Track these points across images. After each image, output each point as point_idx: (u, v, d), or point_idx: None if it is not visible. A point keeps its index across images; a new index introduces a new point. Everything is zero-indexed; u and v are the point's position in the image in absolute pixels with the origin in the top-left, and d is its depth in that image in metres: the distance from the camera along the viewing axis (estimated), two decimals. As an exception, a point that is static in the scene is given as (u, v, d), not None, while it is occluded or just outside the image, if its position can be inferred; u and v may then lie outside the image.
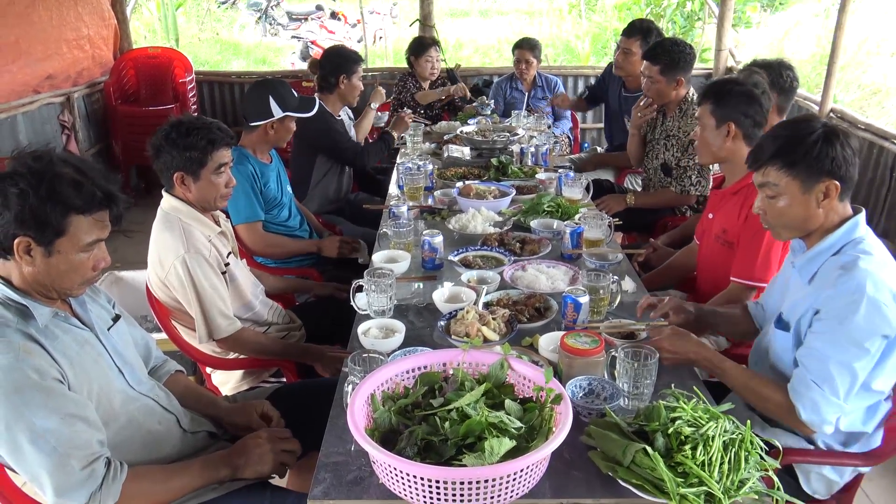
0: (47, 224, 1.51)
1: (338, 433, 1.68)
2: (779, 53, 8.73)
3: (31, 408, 1.46)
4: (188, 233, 2.30)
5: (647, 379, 1.74)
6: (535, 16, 15.22)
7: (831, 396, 1.68)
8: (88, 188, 1.55)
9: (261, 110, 3.00)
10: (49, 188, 1.50)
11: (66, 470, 1.49)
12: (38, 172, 1.51)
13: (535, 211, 3.03)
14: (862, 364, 1.68)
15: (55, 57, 5.50)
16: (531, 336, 2.09)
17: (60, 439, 1.49)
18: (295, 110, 3.07)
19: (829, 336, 1.69)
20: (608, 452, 1.52)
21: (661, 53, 3.56)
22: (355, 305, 2.26)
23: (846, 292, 1.68)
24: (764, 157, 1.82)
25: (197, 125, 2.30)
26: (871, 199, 4.09)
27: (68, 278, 1.60)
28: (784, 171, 1.78)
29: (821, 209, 1.78)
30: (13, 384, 1.46)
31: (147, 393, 1.81)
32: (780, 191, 1.80)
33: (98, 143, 6.08)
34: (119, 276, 3.66)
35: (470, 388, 1.54)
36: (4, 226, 1.50)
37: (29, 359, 1.49)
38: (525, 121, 4.63)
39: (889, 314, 1.66)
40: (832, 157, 1.73)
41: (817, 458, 1.86)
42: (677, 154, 3.56)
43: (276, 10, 14.55)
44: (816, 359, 1.70)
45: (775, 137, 1.83)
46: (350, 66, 3.84)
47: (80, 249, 1.57)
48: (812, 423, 1.71)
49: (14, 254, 1.53)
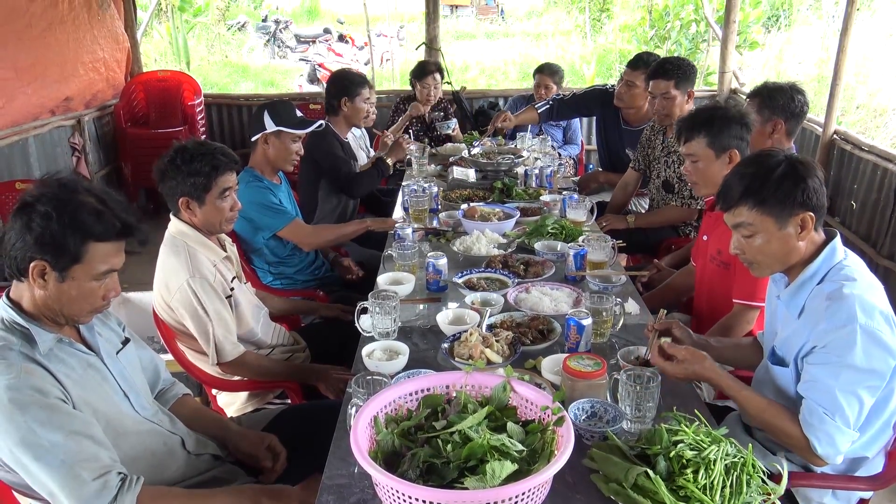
0: (65, 249, 1.55)
1: (341, 455, 1.69)
2: (779, 75, 8.77)
3: (35, 424, 1.48)
4: (193, 257, 2.33)
5: (649, 402, 1.75)
6: (540, 38, 15.38)
7: (843, 427, 1.67)
8: (109, 217, 1.59)
9: (257, 125, 3.07)
10: (72, 215, 1.54)
11: (77, 482, 1.51)
12: (63, 200, 1.55)
13: (540, 233, 3.05)
14: (866, 391, 1.67)
15: (71, 79, 5.60)
16: (534, 358, 2.10)
17: (68, 453, 1.51)
18: (289, 126, 3.06)
19: (831, 368, 1.68)
20: (610, 475, 1.52)
21: (672, 68, 3.60)
22: (360, 327, 2.27)
23: (839, 325, 1.67)
24: (733, 197, 1.81)
25: (201, 151, 2.33)
26: (875, 222, 4.09)
27: (77, 305, 1.62)
28: (756, 210, 1.77)
29: (801, 242, 1.78)
30: (16, 403, 1.48)
31: (151, 418, 1.83)
32: (755, 229, 1.79)
33: (108, 165, 6.15)
34: (127, 297, 3.69)
35: (473, 411, 1.55)
36: (24, 248, 1.53)
37: (30, 378, 1.52)
38: (530, 143, 4.67)
39: (885, 338, 1.66)
40: (802, 188, 1.73)
41: (822, 482, 1.86)
42: (679, 169, 3.58)
43: (284, 33, 14.75)
44: (822, 391, 1.68)
45: (741, 176, 1.81)
46: (353, 88, 3.88)
47: (93, 277, 1.60)
48: (828, 455, 1.69)
49: (28, 277, 1.56)
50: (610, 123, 4.57)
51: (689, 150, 2.63)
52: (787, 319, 1.89)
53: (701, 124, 2.57)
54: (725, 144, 2.54)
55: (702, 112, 2.64)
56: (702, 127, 2.57)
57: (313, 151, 3.63)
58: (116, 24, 6.19)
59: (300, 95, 7.21)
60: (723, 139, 2.54)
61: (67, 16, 5.47)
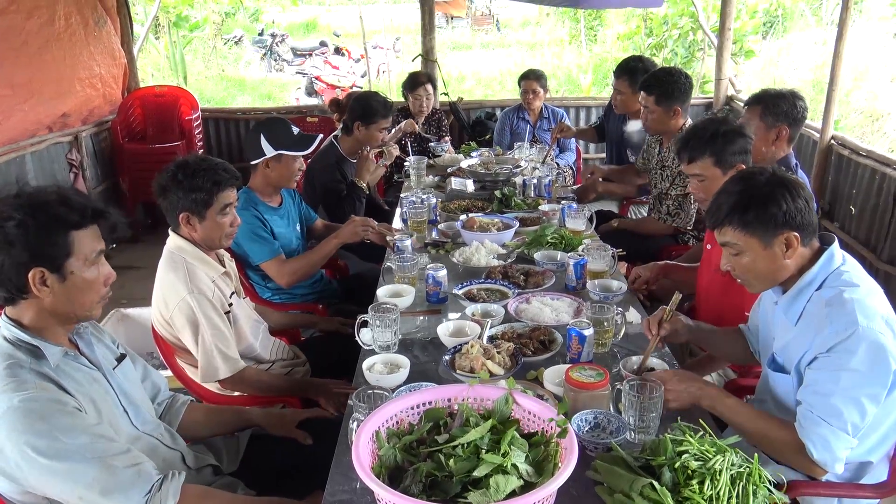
0: (54, 246, 1.55)
1: (343, 471, 1.68)
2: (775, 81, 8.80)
3: (58, 432, 1.48)
4: (192, 273, 2.32)
5: (652, 412, 1.73)
6: (536, 47, 15.44)
7: (840, 431, 1.65)
8: (77, 204, 1.59)
9: (255, 149, 3.00)
10: (44, 213, 1.54)
11: (109, 471, 1.51)
12: (28, 205, 1.54)
13: (539, 243, 3.04)
14: (867, 399, 1.65)
15: (68, 95, 5.61)
16: (536, 369, 2.09)
17: (96, 451, 1.51)
18: (290, 148, 3.00)
19: (830, 373, 1.67)
20: (615, 487, 1.50)
21: (654, 84, 3.61)
22: (360, 341, 2.26)
23: (840, 329, 1.66)
24: (720, 217, 1.82)
25: (203, 167, 2.33)
26: (875, 227, 4.09)
27: (87, 298, 1.63)
28: (740, 230, 1.78)
29: (788, 260, 1.78)
30: (36, 413, 1.47)
31: (151, 433, 1.82)
32: (741, 248, 1.80)
33: (105, 180, 6.15)
34: (125, 313, 3.68)
35: (475, 424, 1.53)
36: (14, 262, 1.52)
37: (46, 393, 1.52)
38: (528, 152, 4.67)
39: (886, 342, 1.64)
40: (784, 210, 1.74)
41: (827, 490, 1.84)
42: (665, 184, 3.59)
43: (280, 47, 14.80)
44: (819, 394, 1.67)
45: (728, 195, 1.83)
46: (369, 116, 3.85)
47: (89, 264, 1.61)
48: (825, 462, 1.67)
49: (30, 289, 1.55)
50: (613, 125, 4.75)
51: (693, 171, 2.62)
52: (785, 326, 1.88)
53: (705, 143, 2.56)
54: (731, 161, 2.53)
55: (703, 130, 2.61)
56: (706, 147, 2.56)
57: (314, 175, 3.61)
58: (113, 40, 6.21)
59: (297, 108, 7.21)
60: (728, 156, 2.53)
61: (64, 32, 5.49)
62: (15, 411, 1.46)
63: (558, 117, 5.33)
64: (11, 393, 1.48)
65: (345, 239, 3.14)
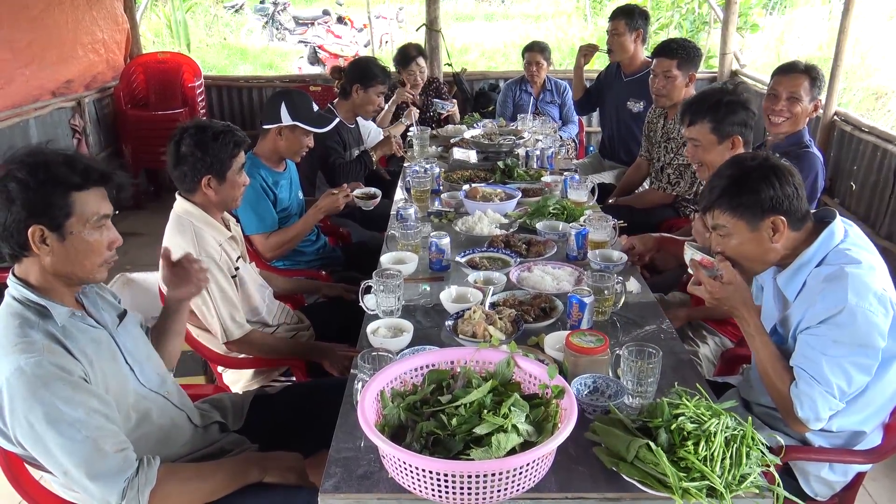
0: (53, 205, 1.56)
1: (348, 429, 1.72)
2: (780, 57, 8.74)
3: (59, 401, 1.50)
4: (200, 236, 2.35)
5: (650, 377, 1.77)
6: (540, 19, 15.30)
7: (827, 394, 1.71)
8: (81, 165, 1.61)
9: (272, 115, 3.03)
10: (46, 172, 1.56)
11: (99, 454, 1.54)
12: (32, 163, 1.56)
13: (541, 213, 3.06)
14: (853, 367, 1.70)
15: (71, 61, 5.58)
16: (537, 335, 2.13)
17: (90, 429, 1.54)
18: (306, 122, 3.03)
19: (820, 340, 1.72)
20: (612, 448, 1.55)
21: (678, 48, 3.62)
22: (364, 306, 2.29)
23: (830, 307, 1.70)
24: (711, 199, 1.86)
25: (221, 129, 2.37)
26: (875, 203, 4.11)
27: (88, 260, 1.63)
28: (728, 213, 1.82)
29: (775, 244, 1.81)
30: (41, 379, 1.50)
31: (157, 390, 1.85)
32: (729, 231, 1.83)
33: (108, 146, 6.15)
34: (130, 277, 3.70)
35: (477, 386, 1.57)
36: (15, 219, 1.54)
37: (53, 357, 1.54)
38: (531, 124, 4.67)
39: (876, 319, 1.68)
40: (770, 195, 1.76)
41: (818, 455, 1.89)
42: (670, 155, 3.60)
43: (282, 15, 14.65)
44: (810, 358, 1.73)
45: (720, 178, 1.86)
46: (368, 79, 3.89)
47: (91, 227, 1.62)
48: (808, 420, 1.74)
49: (31, 246, 1.57)
50: (611, 80, 4.70)
51: (691, 134, 2.64)
52: (784, 302, 1.91)
53: (707, 109, 2.58)
54: (728, 131, 2.55)
55: (709, 96, 2.63)
56: (707, 112, 2.58)
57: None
58: (115, 6, 6.17)
59: (300, 77, 7.18)
60: (726, 125, 2.55)
61: (65, -5, 5.45)
62: (22, 374, 1.49)
63: (561, 90, 5.31)
64: (20, 354, 1.51)
65: (325, 210, 3.14)
